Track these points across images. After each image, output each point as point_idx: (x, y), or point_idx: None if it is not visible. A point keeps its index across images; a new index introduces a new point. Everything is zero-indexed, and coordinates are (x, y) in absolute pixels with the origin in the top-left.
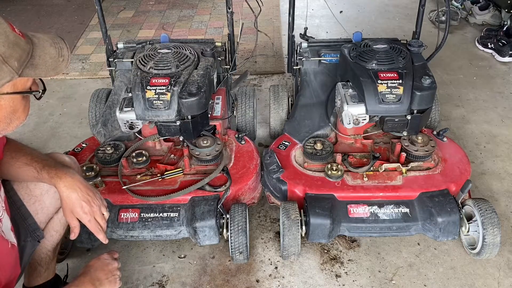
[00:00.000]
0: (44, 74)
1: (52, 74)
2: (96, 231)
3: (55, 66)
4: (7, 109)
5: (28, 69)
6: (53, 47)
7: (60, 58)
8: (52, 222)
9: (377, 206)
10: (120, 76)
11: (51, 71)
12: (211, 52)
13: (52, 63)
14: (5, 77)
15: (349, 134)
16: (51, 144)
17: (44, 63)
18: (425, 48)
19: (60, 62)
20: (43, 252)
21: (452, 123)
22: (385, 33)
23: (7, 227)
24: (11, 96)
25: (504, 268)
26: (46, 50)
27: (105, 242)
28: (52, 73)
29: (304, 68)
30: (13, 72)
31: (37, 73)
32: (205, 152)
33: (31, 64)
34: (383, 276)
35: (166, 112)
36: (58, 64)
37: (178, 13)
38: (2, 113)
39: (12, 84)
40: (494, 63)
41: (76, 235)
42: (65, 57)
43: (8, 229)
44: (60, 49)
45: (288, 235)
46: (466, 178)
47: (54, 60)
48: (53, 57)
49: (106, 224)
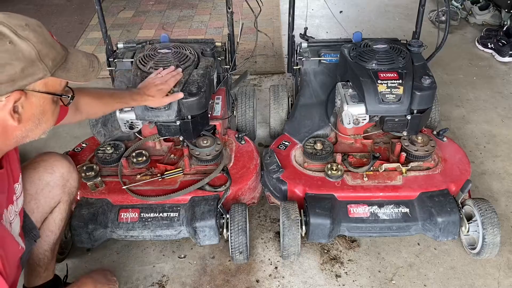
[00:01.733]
0: (75, 78)
1: (82, 80)
2: None
3: (85, 74)
4: (37, 108)
5: (60, 71)
6: (85, 58)
7: (91, 68)
8: (47, 222)
9: (377, 206)
10: (120, 76)
11: (81, 77)
12: (211, 52)
13: (83, 70)
14: (38, 73)
15: (349, 134)
16: (51, 144)
17: (75, 69)
18: (425, 48)
19: (90, 72)
20: (41, 252)
21: (452, 123)
22: (385, 33)
23: (16, 232)
24: (42, 96)
25: (504, 268)
26: (78, 58)
27: None
28: (82, 79)
29: (304, 68)
30: (46, 70)
31: (68, 76)
32: (205, 152)
33: (63, 67)
34: (383, 276)
35: (166, 112)
36: (88, 72)
37: (178, 13)
38: (31, 111)
39: (44, 83)
40: (494, 63)
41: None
42: (95, 68)
43: (16, 234)
44: (92, 61)
45: (288, 235)
46: (466, 178)
47: (85, 69)
48: (84, 66)
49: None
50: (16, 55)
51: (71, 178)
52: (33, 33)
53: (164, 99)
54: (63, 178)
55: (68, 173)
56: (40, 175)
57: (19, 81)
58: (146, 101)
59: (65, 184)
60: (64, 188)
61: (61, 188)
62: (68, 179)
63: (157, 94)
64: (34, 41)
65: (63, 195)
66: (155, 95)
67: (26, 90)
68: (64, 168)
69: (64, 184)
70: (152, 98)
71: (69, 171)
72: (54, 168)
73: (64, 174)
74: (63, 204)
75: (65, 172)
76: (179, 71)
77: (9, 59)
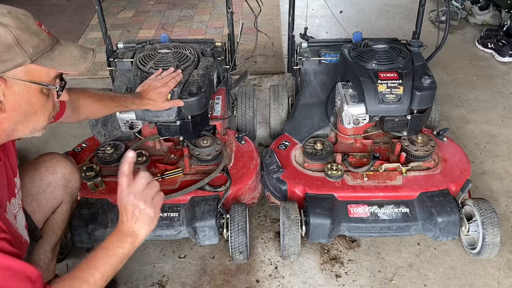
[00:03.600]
0: (60, 67)
1: (69, 70)
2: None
3: (73, 63)
4: (22, 98)
5: (43, 58)
6: (77, 49)
7: (82, 59)
8: (49, 223)
9: (377, 206)
10: (120, 76)
11: (68, 67)
12: (211, 52)
13: (71, 60)
14: (16, 59)
15: (349, 134)
16: (51, 144)
17: (62, 58)
18: (425, 48)
19: (81, 62)
20: (42, 252)
21: (452, 123)
22: (385, 33)
23: (21, 225)
24: (25, 84)
25: (504, 268)
26: (68, 48)
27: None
28: (69, 69)
29: (304, 68)
30: (26, 57)
31: (53, 64)
32: (205, 152)
33: (48, 56)
34: (383, 276)
35: (166, 112)
36: (78, 63)
37: (178, 13)
38: (14, 99)
39: (26, 71)
40: (494, 63)
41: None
42: (87, 59)
43: (22, 227)
44: (85, 52)
45: (288, 235)
46: (466, 178)
47: (74, 59)
48: (74, 56)
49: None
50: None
51: (73, 179)
52: (13, 20)
53: (164, 104)
54: (65, 179)
55: (70, 174)
56: (42, 175)
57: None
58: (147, 105)
59: (67, 185)
60: (66, 188)
61: (63, 188)
62: (70, 179)
63: (158, 98)
64: (12, 27)
65: (65, 195)
66: (156, 99)
67: (6, 77)
68: (66, 168)
69: (66, 184)
70: (153, 102)
71: (71, 171)
72: (56, 168)
73: (66, 174)
74: (65, 204)
75: (67, 173)
76: (179, 72)
77: None
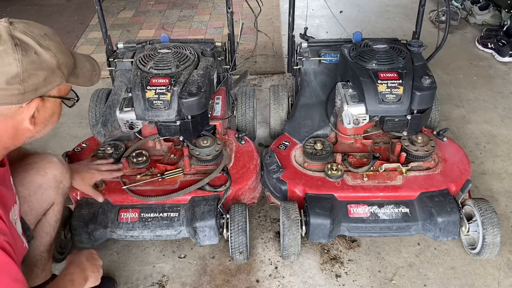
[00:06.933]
0: (83, 83)
1: (88, 84)
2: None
3: (90, 78)
4: (49, 112)
5: (72, 77)
6: (88, 62)
7: (94, 72)
8: (42, 225)
9: (377, 206)
10: (120, 76)
11: (87, 82)
12: (211, 52)
13: (89, 75)
14: (56, 81)
15: (349, 134)
16: (51, 144)
17: (83, 74)
18: (425, 48)
19: (94, 75)
20: (37, 254)
21: (452, 123)
22: (385, 33)
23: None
24: (55, 100)
25: (504, 268)
26: (83, 63)
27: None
28: (88, 83)
29: (304, 68)
30: (63, 78)
31: (78, 82)
32: (205, 152)
33: (74, 73)
34: (383, 276)
35: (166, 112)
36: (93, 76)
37: (178, 13)
38: (44, 115)
39: (58, 89)
40: (494, 63)
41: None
42: (97, 72)
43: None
44: (93, 65)
45: (288, 235)
46: (466, 178)
47: (90, 73)
48: (89, 70)
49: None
50: (41, 65)
51: (64, 179)
52: (52, 43)
53: (86, 188)
54: (56, 180)
55: (61, 175)
56: (32, 177)
57: (41, 89)
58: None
59: (58, 186)
60: (57, 189)
61: (54, 190)
62: (61, 180)
63: (86, 176)
64: (55, 51)
65: (56, 196)
66: (83, 178)
67: (45, 96)
68: (57, 170)
69: (57, 185)
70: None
71: (62, 172)
72: (46, 170)
73: (56, 176)
74: (56, 205)
75: (58, 174)
76: (120, 167)
77: (35, 69)
